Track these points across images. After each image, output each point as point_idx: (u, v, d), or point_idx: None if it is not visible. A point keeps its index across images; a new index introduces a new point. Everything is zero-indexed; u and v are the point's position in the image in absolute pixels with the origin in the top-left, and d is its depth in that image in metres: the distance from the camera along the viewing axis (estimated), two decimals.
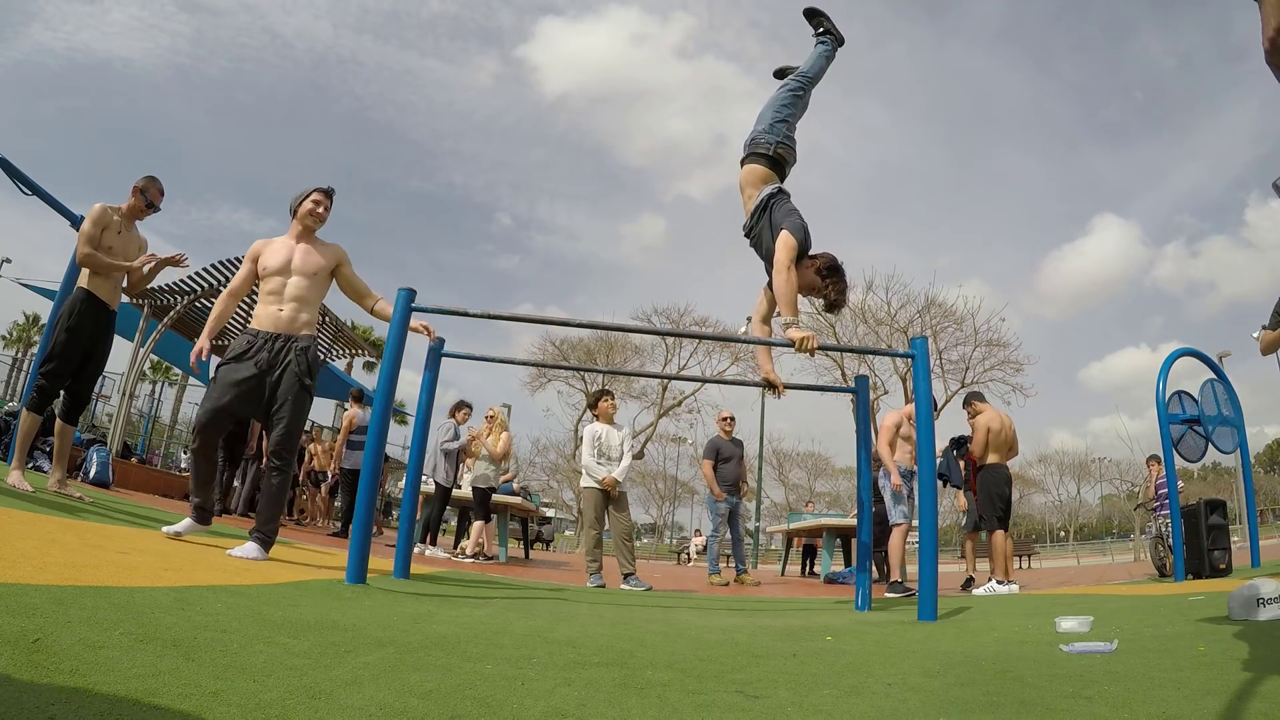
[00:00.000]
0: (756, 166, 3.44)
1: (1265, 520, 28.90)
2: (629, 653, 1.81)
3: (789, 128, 3.49)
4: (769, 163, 3.43)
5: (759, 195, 3.38)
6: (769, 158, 3.43)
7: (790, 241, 3.20)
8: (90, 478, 7.02)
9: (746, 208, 3.46)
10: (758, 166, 3.43)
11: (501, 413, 7.93)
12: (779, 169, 3.46)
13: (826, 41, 3.68)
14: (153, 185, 4.32)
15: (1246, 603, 2.49)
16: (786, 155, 3.47)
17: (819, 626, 2.84)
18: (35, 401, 4.10)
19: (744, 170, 3.48)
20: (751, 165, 3.45)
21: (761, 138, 3.45)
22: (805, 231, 3.28)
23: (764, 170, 3.43)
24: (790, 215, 3.29)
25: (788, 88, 3.55)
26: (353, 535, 3.10)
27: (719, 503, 7.19)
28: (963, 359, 22.26)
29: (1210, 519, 5.96)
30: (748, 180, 3.45)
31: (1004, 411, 6.63)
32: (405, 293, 3.19)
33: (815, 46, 3.68)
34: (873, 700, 1.38)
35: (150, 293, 10.06)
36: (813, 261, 3.35)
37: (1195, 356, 6.96)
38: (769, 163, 3.43)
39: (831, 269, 3.34)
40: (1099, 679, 1.57)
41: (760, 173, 3.43)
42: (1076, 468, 40.04)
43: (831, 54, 3.67)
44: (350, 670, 1.27)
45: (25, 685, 0.90)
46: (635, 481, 32.96)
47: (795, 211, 3.33)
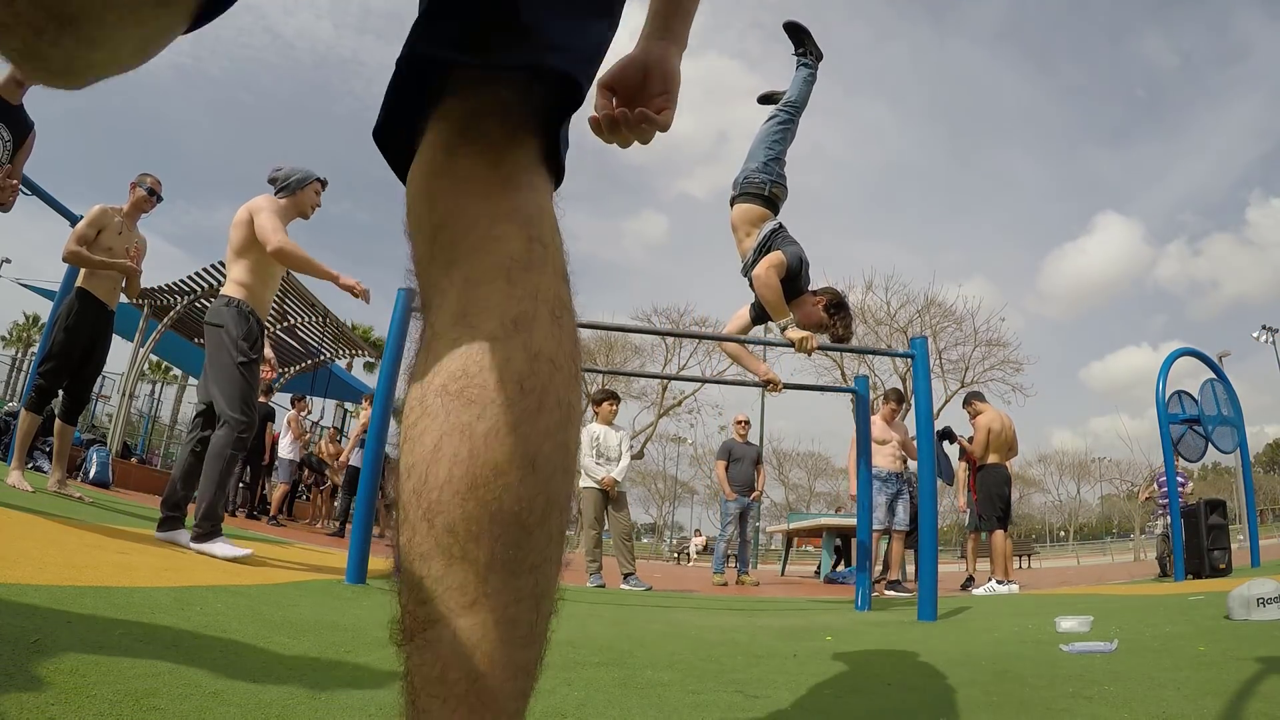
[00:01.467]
0: (752, 206, 3.42)
1: (1265, 520, 28.90)
2: (629, 653, 1.81)
3: (780, 165, 3.49)
4: (764, 202, 3.42)
5: (759, 233, 3.38)
6: (763, 197, 3.42)
7: (777, 259, 3.23)
8: (90, 478, 7.01)
9: (742, 246, 3.45)
10: (753, 206, 3.42)
11: None
12: (773, 207, 3.45)
13: (808, 63, 3.64)
14: (148, 178, 4.33)
15: (1246, 603, 2.49)
16: (780, 194, 3.47)
17: (819, 626, 2.84)
18: (34, 401, 4.10)
19: (737, 210, 3.46)
20: (745, 205, 3.43)
21: (755, 177, 3.43)
22: (800, 259, 3.30)
23: (759, 210, 3.42)
24: (790, 245, 3.32)
25: (777, 120, 3.52)
26: (353, 535, 3.10)
27: (730, 503, 7.21)
28: (962, 359, 22.30)
29: (1210, 519, 5.95)
30: (742, 219, 3.44)
31: (1004, 411, 6.65)
32: (405, 292, 3.20)
33: (797, 70, 3.63)
34: (873, 700, 1.38)
35: (150, 293, 10.06)
36: (818, 299, 3.40)
37: (1195, 356, 6.96)
38: (764, 202, 3.42)
39: (838, 305, 3.41)
40: (1099, 679, 1.57)
41: (756, 212, 3.42)
42: (1076, 467, 40.01)
43: (813, 76, 3.65)
44: (350, 670, 1.27)
45: (25, 685, 0.90)
46: (635, 481, 32.97)
47: (795, 243, 3.35)
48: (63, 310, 4.15)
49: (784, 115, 3.54)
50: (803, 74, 3.62)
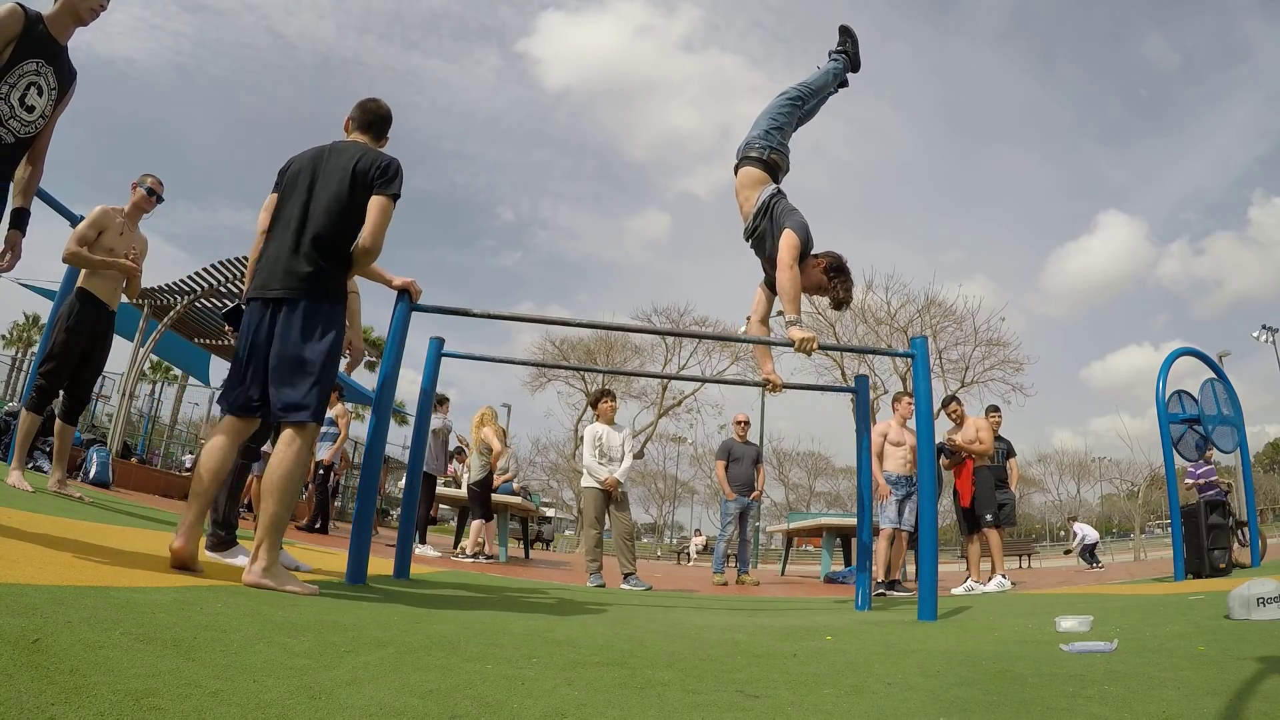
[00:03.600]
0: (751, 169, 3.47)
1: (1265, 520, 28.87)
2: (629, 652, 1.81)
3: (783, 135, 3.52)
4: (763, 167, 3.46)
5: (758, 197, 3.41)
6: (763, 162, 3.46)
7: (793, 240, 3.25)
8: (90, 478, 7.02)
9: (744, 210, 3.48)
10: (753, 169, 3.46)
11: (489, 413, 7.89)
12: (772, 174, 3.48)
13: (840, 61, 3.69)
14: (149, 178, 4.33)
15: (1246, 602, 2.49)
16: (779, 161, 3.50)
17: (819, 626, 2.84)
18: (35, 401, 4.10)
19: (739, 174, 3.51)
20: (746, 169, 3.48)
21: (756, 142, 3.48)
22: (807, 230, 3.32)
23: (759, 173, 3.45)
24: (792, 214, 3.34)
25: (786, 95, 3.57)
26: (353, 535, 3.10)
27: (730, 503, 7.21)
28: (962, 358, 22.27)
29: (1210, 519, 5.95)
30: (743, 183, 3.48)
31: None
32: (405, 292, 3.20)
33: (828, 62, 3.69)
34: (873, 700, 1.38)
35: (150, 292, 10.06)
36: (818, 261, 3.40)
37: (1195, 356, 6.96)
38: (763, 167, 3.46)
39: (838, 268, 3.40)
40: (1099, 679, 1.57)
41: (755, 175, 3.45)
42: (1076, 467, 39.97)
43: (841, 74, 3.70)
44: (350, 670, 1.27)
45: (25, 685, 0.90)
46: (635, 481, 32.95)
47: (796, 211, 3.37)
48: (64, 310, 4.15)
49: (794, 93, 3.58)
50: (832, 66, 3.68)
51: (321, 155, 2.57)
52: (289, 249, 2.42)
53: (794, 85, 3.61)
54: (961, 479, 6.36)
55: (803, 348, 3.24)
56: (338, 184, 2.46)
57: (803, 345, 3.23)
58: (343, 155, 2.53)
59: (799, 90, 3.59)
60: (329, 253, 2.43)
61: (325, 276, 2.41)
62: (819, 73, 3.67)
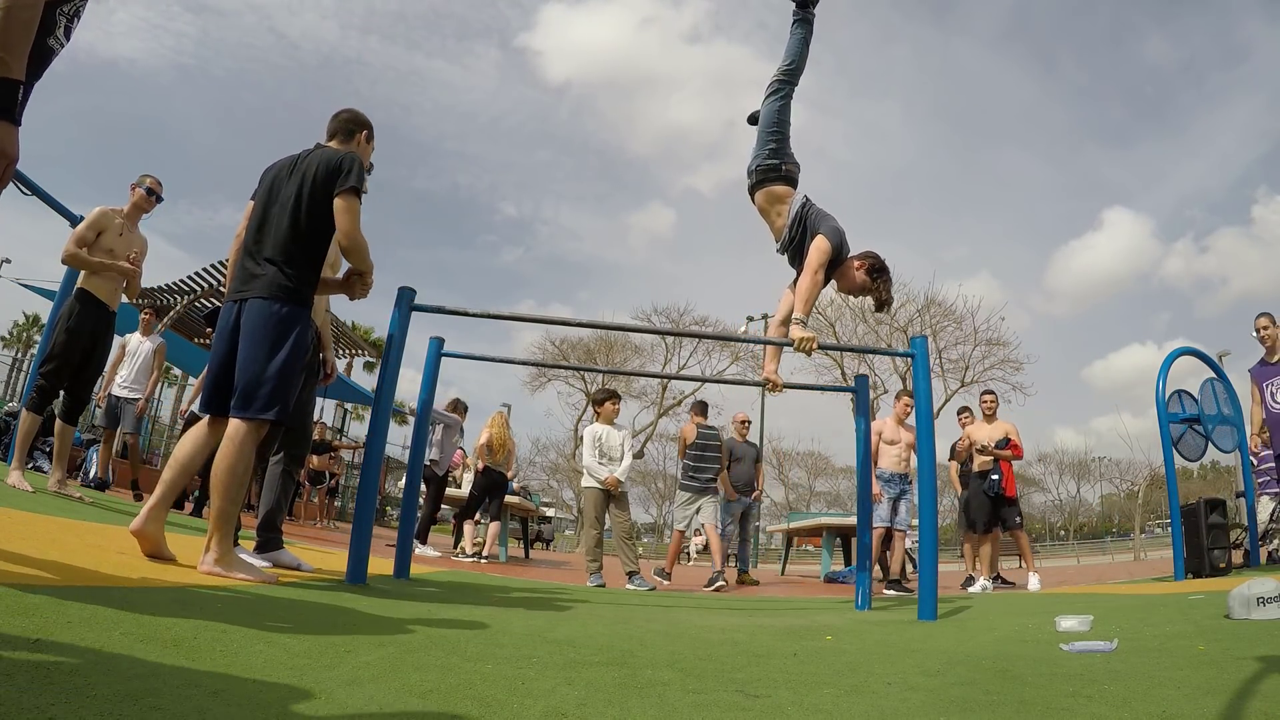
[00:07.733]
0: (773, 188, 3.47)
1: None
2: (629, 652, 1.81)
3: (787, 143, 3.50)
4: (784, 180, 3.46)
5: (791, 209, 3.42)
6: (781, 176, 3.46)
7: (825, 245, 3.27)
8: (90, 478, 7.02)
9: (775, 225, 3.49)
10: (775, 187, 3.46)
11: (500, 415, 7.89)
12: (792, 183, 3.49)
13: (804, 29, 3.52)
14: (148, 178, 4.33)
15: (1246, 602, 2.49)
16: (794, 170, 3.51)
17: (819, 626, 2.84)
18: (35, 402, 4.10)
19: (761, 194, 3.50)
20: (768, 188, 3.47)
21: (768, 162, 3.47)
22: (841, 235, 3.35)
23: (782, 189, 3.46)
24: (826, 219, 3.36)
25: (775, 96, 3.49)
26: (353, 535, 3.10)
27: (730, 503, 7.22)
28: (962, 358, 22.22)
29: (1210, 518, 5.95)
30: (769, 201, 3.48)
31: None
32: (405, 292, 3.20)
33: (793, 33, 3.53)
34: (873, 700, 1.38)
35: (150, 292, 10.07)
36: (860, 262, 3.44)
37: (1195, 355, 6.95)
38: (784, 180, 3.46)
39: (879, 269, 3.44)
40: (1099, 678, 1.57)
41: (779, 191, 3.46)
42: (1077, 466, 39.96)
43: (808, 34, 3.53)
44: (350, 670, 1.27)
45: (25, 685, 0.90)
46: (635, 481, 32.95)
47: (830, 216, 3.39)
48: (64, 311, 4.15)
49: (780, 89, 3.49)
50: (797, 35, 3.55)
51: (293, 162, 2.68)
52: (249, 252, 2.57)
53: (776, 78, 3.49)
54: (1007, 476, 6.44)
55: (802, 347, 3.24)
56: (296, 188, 2.58)
57: (802, 345, 3.23)
58: (305, 160, 2.65)
59: (785, 77, 3.48)
60: (286, 255, 2.54)
61: (282, 278, 2.51)
62: (793, 48, 3.51)
